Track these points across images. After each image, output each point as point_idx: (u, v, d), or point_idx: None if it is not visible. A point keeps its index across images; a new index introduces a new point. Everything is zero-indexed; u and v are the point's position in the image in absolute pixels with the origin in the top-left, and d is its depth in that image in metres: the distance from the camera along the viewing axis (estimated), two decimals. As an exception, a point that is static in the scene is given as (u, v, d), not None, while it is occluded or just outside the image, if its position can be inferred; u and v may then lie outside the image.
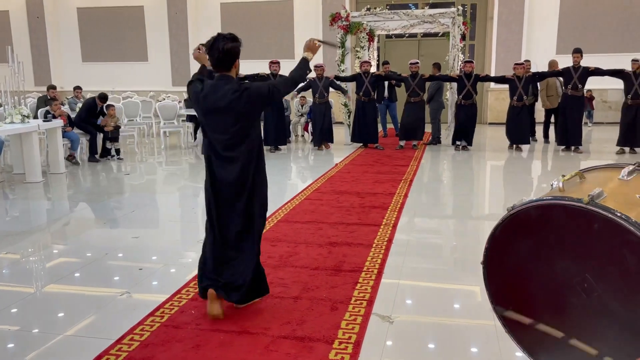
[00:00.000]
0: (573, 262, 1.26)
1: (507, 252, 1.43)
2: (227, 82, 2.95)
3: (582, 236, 1.24)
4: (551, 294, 1.33)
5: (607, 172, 1.43)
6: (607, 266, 1.19)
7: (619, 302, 1.18)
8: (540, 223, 1.32)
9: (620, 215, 1.13)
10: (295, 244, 4.37)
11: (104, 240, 4.75)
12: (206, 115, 3.01)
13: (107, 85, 15.21)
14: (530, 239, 1.36)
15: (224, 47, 2.88)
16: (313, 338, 2.83)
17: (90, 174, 8.03)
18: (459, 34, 9.98)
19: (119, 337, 2.87)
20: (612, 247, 1.17)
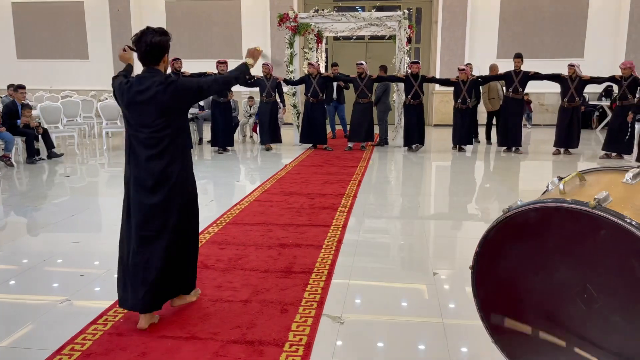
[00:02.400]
0: (573, 271, 1.17)
1: (500, 256, 1.35)
2: (153, 75, 2.86)
3: (585, 243, 1.15)
4: (546, 303, 1.25)
5: (609, 175, 1.34)
6: (612, 276, 1.11)
7: (623, 315, 1.10)
8: (539, 227, 1.23)
9: (630, 221, 1.05)
10: (244, 246, 4.30)
11: (41, 246, 4.52)
12: (129, 107, 2.87)
13: (44, 84, 14.57)
14: (526, 243, 1.28)
15: (152, 40, 2.82)
16: (263, 341, 2.79)
17: (27, 177, 7.64)
18: (405, 37, 10.16)
19: (59, 347, 2.73)
20: (619, 256, 1.09)
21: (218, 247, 4.28)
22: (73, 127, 10.45)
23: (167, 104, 2.82)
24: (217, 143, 9.61)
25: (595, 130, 12.92)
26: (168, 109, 2.84)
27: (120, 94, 2.91)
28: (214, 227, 4.82)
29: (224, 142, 9.64)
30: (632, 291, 1.07)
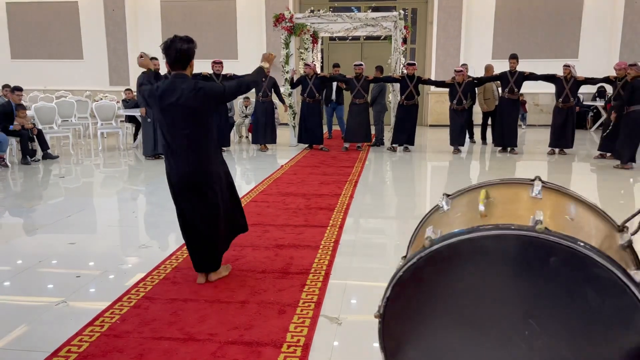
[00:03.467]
0: (513, 306, 1.02)
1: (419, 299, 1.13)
2: (183, 80, 3.19)
3: (528, 272, 1.00)
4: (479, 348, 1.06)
5: (511, 189, 1.19)
6: (560, 307, 0.97)
7: (573, 350, 0.98)
8: (472, 258, 1.04)
9: (583, 245, 0.93)
10: (241, 247, 4.29)
11: (37, 247, 4.49)
12: (164, 113, 3.21)
13: (38, 84, 14.50)
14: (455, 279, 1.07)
15: (181, 48, 3.17)
16: (261, 342, 2.78)
17: (22, 177, 7.60)
18: (401, 38, 10.17)
19: (55, 349, 2.71)
20: (568, 284, 0.97)
21: (215, 247, 4.26)
22: (68, 127, 10.41)
23: (197, 108, 3.18)
24: (213, 143, 9.57)
25: (590, 130, 12.97)
26: (198, 112, 3.20)
27: (153, 101, 3.25)
28: (210, 228, 4.80)
29: (220, 143, 9.52)
30: (584, 321, 0.97)
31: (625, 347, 0.90)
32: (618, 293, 0.91)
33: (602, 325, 0.93)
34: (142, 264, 3.98)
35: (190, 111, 3.18)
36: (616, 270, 0.89)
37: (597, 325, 0.94)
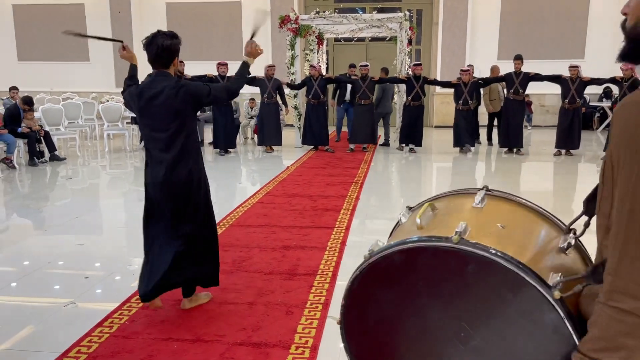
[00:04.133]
0: (446, 311, 1.11)
1: (369, 306, 1.23)
2: (164, 78, 2.92)
3: (454, 280, 1.10)
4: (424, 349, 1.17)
5: (457, 200, 1.27)
6: (484, 311, 1.07)
7: (500, 349, 1.07)
8: (405, 270, 1.14)
9: (495, 252, 1.02)
10: (248, 248, 4.31)
11: (45, 248, 4.52)
12: (142, 112, 2.96)
13: (44, 86, 14.57)
14: (394, 288, 1.17)
15: (163, 44, 2.87)
16: (269, 344, 2.79)
17: (29, 179, 7.64)
18: (406, 39, 10.18)
19: (65, 349, 2.73)
20: (488, 290, 1.06)
21: (222, 249, 4.24)
22: (74, 129, 10.46)
23: (178, 107, 2.89)
24: (219, 145, 9.61)
25: (596, 131, 12.92)
26: (179, 112, 2.91)
27: (132, 100, 3.00)
28: (217, 229, 4.81)
29: (226, 144, 9.64)
30: (505, 322, 1.05)
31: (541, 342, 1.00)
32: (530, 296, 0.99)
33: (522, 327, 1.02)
34: (149, 265, 3.99)
35: (170, 111, 2.89)
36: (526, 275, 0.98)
37: (518, 327, 1.03)
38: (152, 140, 2.97)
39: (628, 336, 0.86)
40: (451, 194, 1.33)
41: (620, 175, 0.88)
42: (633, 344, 0.85)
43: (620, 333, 0.86)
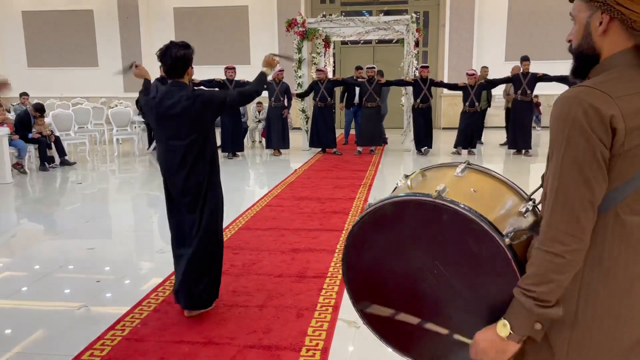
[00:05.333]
0: (425, 252, 1.38)
1: (365, 248, 1.50)
2: (180, 88, 3.01)
3: (431, 227, 1.37)
4: (407, 284, 1.43)
5: (443, 170, 1.56)
6: (453, 253, 1.33)
7: (464, 284, 1.32)
8: (395, 218, 1.42)
9: (464, 207, 1.27)
10: (257, 251, 4.32)
11: (56, 253, 4.56)
12: (159, 122, 3.05)
13: (54, 91, 14.70)
14: (386, 234, 1.44)
15: (177, 54, 2.96)
16: (280, 346, 2.80)
17: (40, 184, 7.72)
18: (413, 41, 10.18)
19: (78, 353, 2.76)
20: (457, 236, 1.31)
21: (232, 252, 4.30)
22: (84, 134, 10.54)
23: (195, 117, 2.97)
24: (227, 148, 9.64)
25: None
26: (196, 121, 2.99)
27: (149, 110, 3.07)
28: (227, 233, 4.84)
29: (234, 148, 9.67)
30: (469, 262, 1.30)
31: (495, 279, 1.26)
32: (488, 242, 1.25)
33: (481, 266, 1.29)
34: (159, 268, 4.03)
35: (188, 120, 2.97)
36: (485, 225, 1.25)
37: (478, 267, 1.30)
38: (169, 151, 3.04)
39: (555, 272, 1.11)
40: (439, 166, 1.61)
41: (551, 157, 1.15)
42: (558, 278, 1.12)
43: (550, 270, 1.12)
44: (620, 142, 1.08)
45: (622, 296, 1.14)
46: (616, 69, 1.15)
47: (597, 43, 1.18)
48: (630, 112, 1.08)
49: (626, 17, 1.11)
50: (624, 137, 1.07)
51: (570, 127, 1.09)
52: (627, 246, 1.13)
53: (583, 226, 1.10)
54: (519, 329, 1.17)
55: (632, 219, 1.12)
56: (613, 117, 1.07)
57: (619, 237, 1.13)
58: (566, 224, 1.10)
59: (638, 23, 1.11)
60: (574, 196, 1.10)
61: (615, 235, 1.13)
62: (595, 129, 1.07)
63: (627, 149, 1.09)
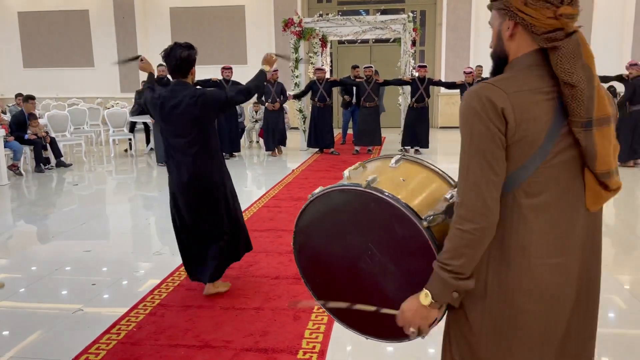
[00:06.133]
0: (360, 236, 1.53)
1: (310, 231, 1.67)
2: (184, 88, 3.15)
3: (363, 214, 1.52)
4: (348, 266, 1.59)
5: (382, 162, 1.69)
6: (382, 236, 1.49)
7: (394, 263, 1.49)
8: (334, 206, 1.59)
9: (388, 194, 1.43)
10: (254, 253, 4.28)
11: (53, 255, 4.53)
12: (165, 120, 3.19)
13: (50, 92, 14.65)
14: (327, 219, 1.63)
15: (181, 55, 3.10)
16: (277, 349, 2.78)
17: (36, 185, 7.68)
18: (410, 40, 10.16)
19: (73, 357, 2.73)
20: (384, 221, 1.47)
21: (228, 254, 4.28)
22: (80, 135, 10.50)
23: (198, 115, 3.13)
24: (224, 149, 9.61)
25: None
26: (198, 119, 3.15)
27: (154, 108, 3.23)
28: (223, 234, 4.82)
29: (231, 148, 9.64)
30: (395, 244, 1.47)
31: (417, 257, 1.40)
32: (409, 226, 1.40)
33: (406, 247, 1.45)
34: (156, 270, 4.01)
35: (191, 118, 3.13)
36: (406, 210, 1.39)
37: (403, 248, 1.46)
38: (173, 147, 3.22)
39: (466, 247, 1.25)
40: (380, 158, 1.73)
41: (462, 146, 1.28)
42: (469, 252, 1.26)
43: (462, 245, 1.25)
44: (512, 132, 1.21)
45: (521, 271, 1.27)
46: (517, 68, 1.28)
47: (506, 47, 1.31)
48: (520, 106, 1.21)
49: (527, 22, 1.24)
50: (514, 128, 1.21)
51: (472, 117, 1.23)
52: (524, 226, 1.26)
53: (489, 205, 1.23)
54: (438, 297, 1.31)
55: (526, 201, 1.25)
56: (504, 110, 1.20)
57: (517, 217, 1.26)
58: (474, 203, 1.23)
59: (537, 27, 1.23)
60: (479, 178, 1.23)
61: (514, 216, 1.26)
62: (492, 118, 1.21)
63: (518, 139, 1.22)
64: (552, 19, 1.21)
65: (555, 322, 1.32)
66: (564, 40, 1.22)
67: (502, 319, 1.31)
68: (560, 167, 1.25)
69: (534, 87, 1.24)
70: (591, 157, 1.23)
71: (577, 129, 1.22)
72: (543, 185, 1.25)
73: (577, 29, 1.24)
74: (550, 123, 1.22)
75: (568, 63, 1.21)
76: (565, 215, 1.28)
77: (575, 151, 1.25)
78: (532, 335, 1.31)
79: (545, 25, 1.22)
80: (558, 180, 1.26)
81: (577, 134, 1.22)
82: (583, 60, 1.22)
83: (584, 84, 1.21)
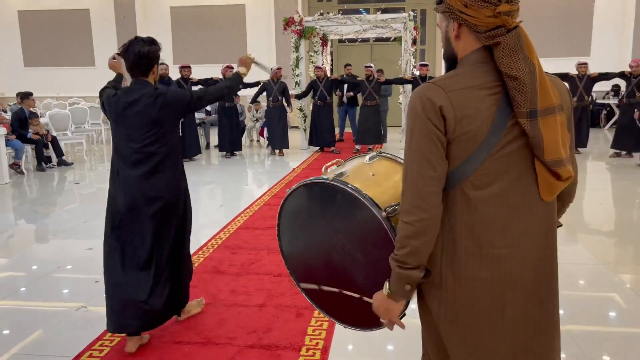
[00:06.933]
0: (331, 228, 1.62)
1: (289, 220, 1.78)
2: (142, 86, 2.70)
3: (331, 206, 1.62)
4: (320, 251, 1.69)
5: (358, 159, 1.78)
6: (349, 226, 1.58)
7: (361, 252, 1.56)
8: (308, 199, 1.70)
9: (351, 187, 1.51)
10: (256, 250, 4.31)
11: (55, 253, 4.54)
12: (117, 121, 2.72)
13: (51, 91, 14.66)
14: (304, 210, 1.74)
15: (140, 51, 2.65)
16: (280, 346, 2.79)
17: (37, 184, 7.69)
18: (411, 39, 10.16)
19: (76, 354, 2.74)
20: (349, 212, 1.55)
21: (230, 251, 4.29)
22: (81, 133, 10.51)
23: (156, 116, 2.65)
24: (225, 147, 9.62)
25: (604, 129, 12.86)
26: (157, 121, 2.66)
27: (108, 107, 2.76)
28: (225, 232, 4.83)
29: (232, 147, 9.65)
30: (360, 233, 1.55)
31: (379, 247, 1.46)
32: (371, 216, 1.47)
33: (370, 237, 1.51)
34: (158, 268, 4.00)
35: (148, 121, 2.65)
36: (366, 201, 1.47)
37: (368, 237, 1.52)
38: (123, 153, 2.71)
39: (409, 238, 1.29)
40: (356, 156, 1.80)
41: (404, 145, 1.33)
42: (412, 243, 1.29)
43: (405, 237, 1.30)
44: (452, 129, 1.25)
45: (474, 261, 1.31)
46: (462, 66, 1.33)
47: (454, 47, 1.36)
48: (460, 103, 1.25)
49: (469, 22, 1.28)
50: (454, 125, 1.25)
51: (413, 116, 1.29)
52: (473, 217, 1.30)
53: (427, 200, 1.28)
54: (394, 289, 1.36)
55: (475, 193, 1.29)
56: (442, 108, 1.25)
57: (466, 209, 1.30)
58: (412, 197, 1.29)
59: (479, 26, 1.27)
60: (417, 174, 1.28)
61: (463, 208, 1.31)
62: (430, 117, 1.25)
63: (459, 134, 1.26)
64: (492, 17, 1.25)
65: (509, 313, 1.34)
66: (505, 35, 1.26)
67: (457, 309, 1.35)
68: (509, 158, 1.28)
69: (477, 83, 1.27)
70: (538, 146, 1.26)
71: (522, 120, 1.25)
72: (493, 176, 1.28)
73: (517, 24, 1.28)
74: (494, 116, 1.26)
75: (510, 57, 1.25)
76: (518, 205, 1.31)
77: (523, 142, 1.28)
78: (485, 326, 1.34)
79: (486, 23, 1.26)
80: (508, 171, 1.29)
81: (523, 125, 1.25)
82: (525, 53, 1.26)
83: (527, 75, 1.24)
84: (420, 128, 1.27)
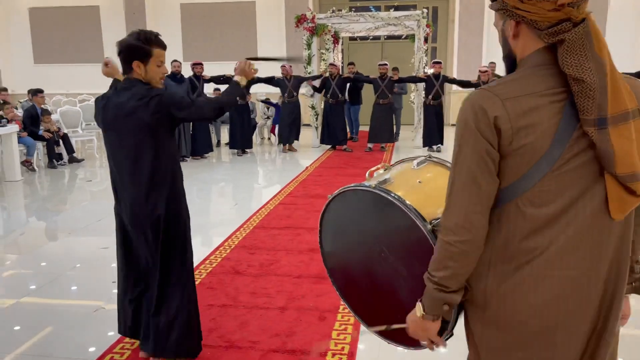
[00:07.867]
0: (373, 237, 1.55)
1: (333, 223, 1.72)
2: (132, 85, 2.39)
3: (374, 214, 1.55)
4: (363, 260, 1.63)
5: (406, 163, 1.71)
6: (392, 237, 1.51)
7: (404, 266, 1.49)
8: (351, 206, 1.63)
9: (394, 195, 1.43)
10: (274, 251, 4.24)
11: (70, 252, 4.49)
12: (106, 126, 2.44)
13: (61, 88, 14.64)
14: (347, 216, 1.65)
15: (120, 45, 2.40)
16: (305, 351, 2.72)
17: (49, 181, 7.65)
18: (423, 37, 10.05)
19: (97, 357, 2.68)
20: (392, 222, 1.48)
21: (248, 252, 4.22)
22: (92, 130, 10.48)
23: (147, 120, 2.33)
24: (236, 145, 9.57)
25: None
26: (148, 126, 2.34)
27: (98, 112, 2.49)
28: (241, 232, 4.77)
29: (243, 144, 9.59)
30: (403, 246, 1.48)
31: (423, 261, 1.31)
32: (415, 228, 1.40)
33: (413, 250, 1.43)
34: (176, 268, 3.94)
35: (139, 126, 2.34)
36: (409, 212, 1.40)
37: (411, 250, 1.45)
38: (117, 162, 2.46)
39: (450, 260, 1.19)
40: (407, 160, 1.76)
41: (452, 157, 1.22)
42: (453, 265, 1.19)
43: (446, 257, 1.20)
44: (507, 142, 1.12)
45: (527, 282, 1.18)
46: (521, 69, 1.19)
47: (512, 47, 1.23)
48: (517, 113, 1.11)
49: (527, 19, 1.14)
50: (510, 137, 1.11)
51: (463, 126, 1.17)
52: (527, 235, 1.16)
53: (471, 219, 1.17)
54: (429, 309, 1.26)
55: (532, 211, 1.15)
56: (497, 118, 1.11)
57: (520, 226, 1.17)
58: (457, 217, 1.18)
59: (540, 23, 1.13)
60: (462, 192, 1.17)
61: (518, 224, 1.17)
62: (482, 130, 1.13)
63: (516, 148, 1.12)
64: (554, 10, 1.10)
65: (565, 346, 1.19)
66: (571, 31, 1.10)
67: (501, 336, 1.22)
68: (574, 174, 1.13)
69: (539, 89, 1.12)
70: (608, 159, 1.09)
71: (589, 128, 1.09)
72: (554, 193, 1.13)
73: (587, 15, 1.11)
74: (557, 127, 1.10)
75: (576, 56, 1.09)
76: (584, 225, 1.14)
77: (592, 155, 1.12)
78: (534, 354, 1.20)
79: (547, 18, 1.11)
80: (573, 187, 1.13)
81: (590, 134, 1.09)
82: (593, 51, 1.10)
83: (595, 76, 1.08)
84: (470, 141, 1.14)
